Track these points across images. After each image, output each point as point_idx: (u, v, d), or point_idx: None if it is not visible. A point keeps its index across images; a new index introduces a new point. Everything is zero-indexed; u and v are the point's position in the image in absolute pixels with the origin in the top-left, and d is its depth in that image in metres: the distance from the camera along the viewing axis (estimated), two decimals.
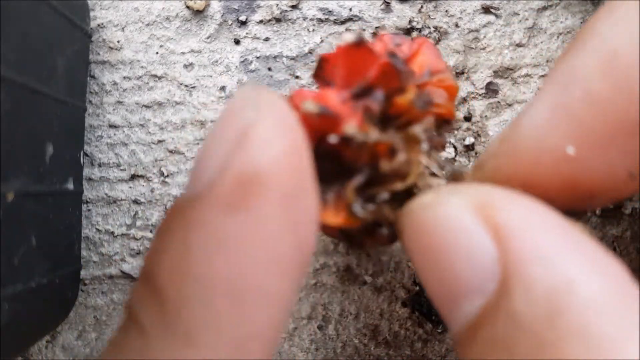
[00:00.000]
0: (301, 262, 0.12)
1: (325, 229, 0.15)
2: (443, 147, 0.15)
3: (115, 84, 0.22)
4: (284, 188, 0.12)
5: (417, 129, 0.14)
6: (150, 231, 0.21)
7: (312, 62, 0.21)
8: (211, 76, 0.21)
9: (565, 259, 0.10)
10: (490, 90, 0.21)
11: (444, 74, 0.15)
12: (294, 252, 0.12)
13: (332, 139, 0.13)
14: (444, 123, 0.15)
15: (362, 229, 0.14)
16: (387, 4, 0.21)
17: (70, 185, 0.20)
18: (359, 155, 0.13)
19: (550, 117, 0.12)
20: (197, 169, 0.12)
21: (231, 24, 0.21)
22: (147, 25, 0.21)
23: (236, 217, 0.11)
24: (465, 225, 0.12)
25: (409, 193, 0.14)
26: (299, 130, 0.12)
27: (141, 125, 0.21)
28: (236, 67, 0.21)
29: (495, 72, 0.21)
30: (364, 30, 0.21)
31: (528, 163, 0.13)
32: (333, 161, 0.14)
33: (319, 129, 0.13)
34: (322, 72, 0.14)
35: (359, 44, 0.13)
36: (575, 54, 0.13)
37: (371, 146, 0.13)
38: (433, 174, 0.14)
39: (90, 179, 0.21)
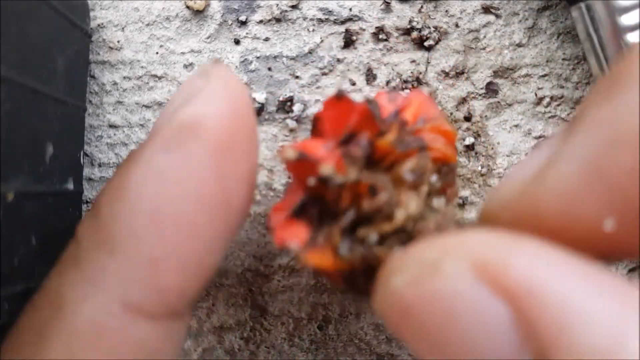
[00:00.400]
0: (227, 211, 0.14)
1: (332, 279, 0.15)
2: (453, 193, 0.15)
3: (115, 84, 0.22)
4: (217, 140, 0.13)
5: (401, 170, 0.14)
6: None
7: (312, 62, 0.21)
8: None
9: (607, 313, 0.09)
10: (490, 90, 0.21)
11: (439, 120, 0.15)
12: (218, 197, 0.13)
13: (310, 181, 0.13)
14: (445, 167, 0.15)
15: (364, 276, 0.14)
16: (387, 4, 0.21)
17: (70, 185, 0.20)
18: (341, 196, 0.13)
19: (585, 184, 0.10)
20: (153, 126, 0.15)
21: (231, 24, 0.21)
22: (147, 25, 0.21)
23: (170, 154, 0.13)
24: (469, 298, 0.10)
25: (410, 235, 0.13)
26: (242, 98, 0.14)
27: (141, 125, 0.21)
28: (236, 67, 0.21)
29: (495, 72, 0.21)
30: (364, 30, 0.21)
31: (555, 229, 0.11)
32: (323, 206, 0.14)
33: (306, 175, 0.14)
34: (317, 130, 0.15)
35: (339, 97, 0.14)
36: (616, 102, 0.10)
37: (352, 187, 0.13)
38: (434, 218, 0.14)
39: (90, 179, 0.21)
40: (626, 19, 0.18)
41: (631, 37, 0.18)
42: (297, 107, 0.21)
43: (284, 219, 0.14)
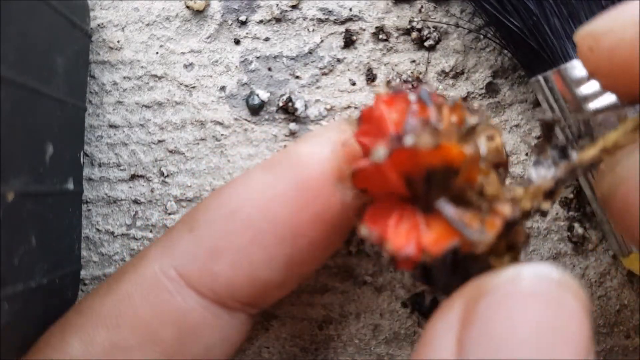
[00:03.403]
0: (294, 238, 0.15)
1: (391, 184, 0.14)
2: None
3: (115, 84, 0.22)
4: (308, 176, 0.15)
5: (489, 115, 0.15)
6: (150, 231, 0.21)
7: (312, 62, 0.21)
8: (211, 76, 0.21)
9: None
10: (490, 90, 0.21)
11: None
12: (289, 221, 0.15)
13: (412, 105, 0.14)
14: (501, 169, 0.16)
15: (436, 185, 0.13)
16: (388, 4, 0.21)
17: (70, 185, 0.20)
18: (442, 113, 0.14)
19: None
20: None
21: (231, 24, 0.21)
22: (147, 25, 0.21)
23: (265, 171, 0.16)
24: None
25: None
26: (341, 153, 0.16)
27: (141, 125, 0.21)
28: (236, 67, 0.21)
29: (495, 72, 0.21)
30: (364, 30, 0.21)
31: None
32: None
33: (400, 109, 0.14)
34: (365, 127, 0.15)
35: (398, 91, 0.14)
36: None
37: (452, 107, 0.14)
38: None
39: (90, 179, 0.21)
40: (585, 89, 0.18)
41: (593, 105, 0.17)
42: (297, 107, 0.21)
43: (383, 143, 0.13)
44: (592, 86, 0.17)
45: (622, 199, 0.14)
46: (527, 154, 0.21)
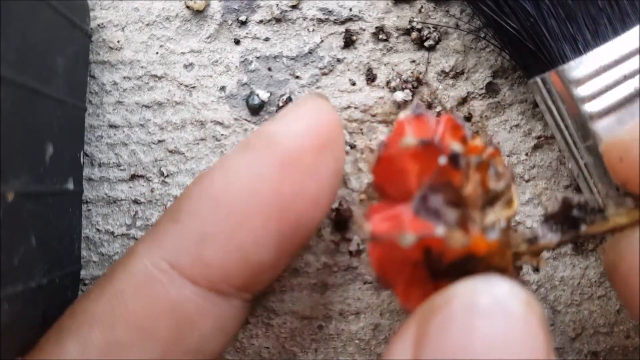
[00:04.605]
0: (281, 216, 0.15)
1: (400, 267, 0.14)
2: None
3: (115, 84, 0.22)
4: (284, 153, 0.16)
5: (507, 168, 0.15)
6: None
7: (312, 62, 0.21)
8: (211, 76, 0.21)
9: None
10: (490, 90, 0.21)
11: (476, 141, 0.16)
12: (274, 200, 0.15)
13: (441, 160, 0.13)
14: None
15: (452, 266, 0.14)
16: (388, 4, 0.21)
17: (70, 185, 0.20)
18: (469, 177, 0.14)
19: None
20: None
21: (231, 24, 0.21)
22: (147, 25, 0.21)
23: (242, 154, 0.16)
24: None
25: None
26: (324, 127, 0.16)
27: (141, 125, 0.21)
28: (236, 67, 0.21)
29: (495, 72, 0.21)
30: (364, 30, 0.21)
31: None
32: (447, 195, 0.14)
33: (427, 164, 0.14)
34: (382, 170, 0.15)
35: (427, 144, 0.14)
36: None
37: (479, 167, 0.14)
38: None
39: (90, 179, 0.21)
40: (582, 90, 0.18)
41: (589, 107, 0.18)
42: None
43: (410, 215, 0.13)
44: (590, 88, 0.18)
45: (623, 275, 0.14)
46: (526, 154, 0.21)
